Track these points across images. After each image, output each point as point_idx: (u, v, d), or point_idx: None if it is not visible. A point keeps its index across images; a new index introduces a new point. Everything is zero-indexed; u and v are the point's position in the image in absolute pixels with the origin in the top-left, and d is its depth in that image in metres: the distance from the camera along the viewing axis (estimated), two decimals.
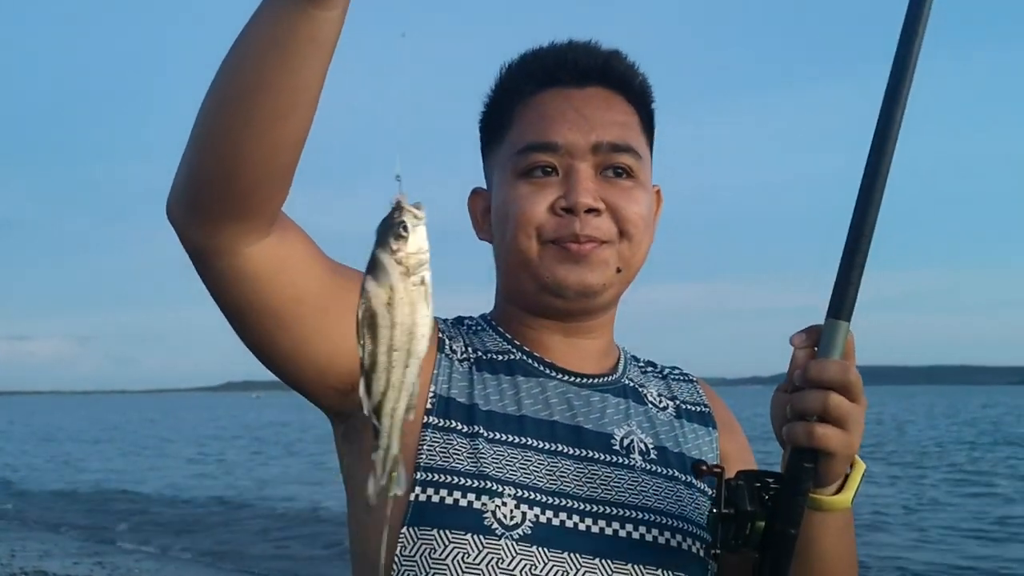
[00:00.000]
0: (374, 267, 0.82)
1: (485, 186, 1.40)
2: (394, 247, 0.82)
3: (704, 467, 1.20)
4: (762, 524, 1.15)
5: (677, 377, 1.48)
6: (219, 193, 1.01)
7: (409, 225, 0.83)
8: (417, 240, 0.83)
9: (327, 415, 1.27)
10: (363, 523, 1.24)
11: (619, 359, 1.41)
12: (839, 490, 1.18)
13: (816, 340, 1.15)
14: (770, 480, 1.18)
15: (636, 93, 1.35)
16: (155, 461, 27.19)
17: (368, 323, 0.82)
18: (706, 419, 1.43)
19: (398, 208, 0.83)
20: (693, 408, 1.43)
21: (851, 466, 1.18)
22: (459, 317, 1.40)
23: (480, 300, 1.45)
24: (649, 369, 1.47)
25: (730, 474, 1.39)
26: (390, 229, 0.82)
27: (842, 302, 1.14)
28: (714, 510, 1.16)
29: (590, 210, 1.26)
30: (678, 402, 1.42)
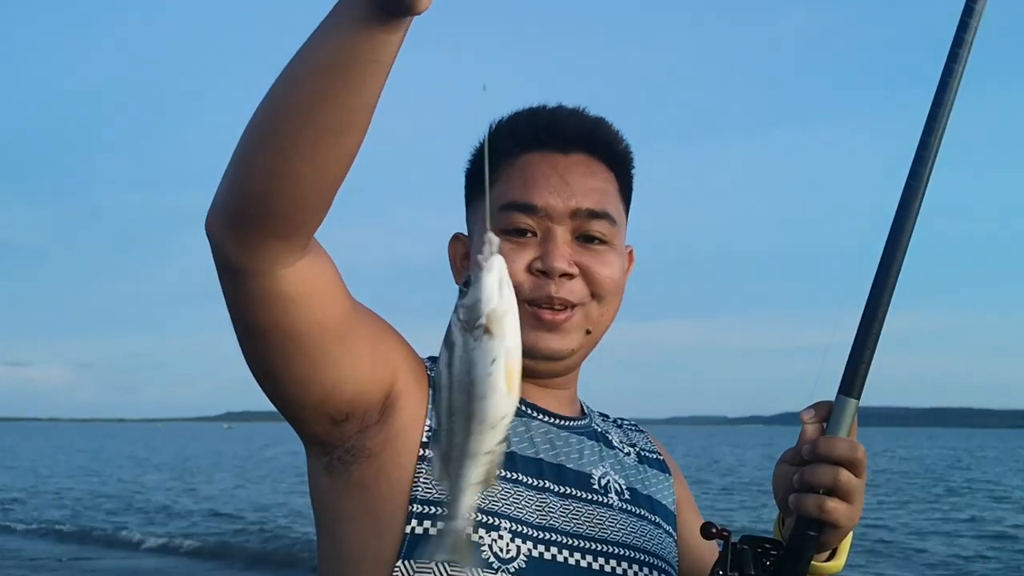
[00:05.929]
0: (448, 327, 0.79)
1: (466, 232, 1.44)
2: (457, 302, 0.79)
3: (714, 530, 1.26)
4: None
5: (631, 427, 1.57)
6: (265, 210, 1.01)
7: (473, 277, 0.79)
8: (474, 293, 0.78)
9: (308, 445, 1.27)
10: (342, 557, 1.25)
11: (583, 406, 1.50)
12: (831, 556, 1.26)
13: (824, 416, 1.23)
14: (769, 546, 1.24)
15: (618, 161, 1.41)
16: None
17: (436, 385, 0.80)
18: (662, 466, 1.53)
19: (476, 263, 0.79)
20: (650, 455, 1.53)
21: None
22: (433, 357, 1.38)
23: None
24: (606, 418, 1.55)
25: (682, 517, 1.50)
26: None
27: (853, 380, 1.21)
28: (720, 572, 1.22)
29: (564, 274, 1.32)
30: (638, 448, 1.51)
